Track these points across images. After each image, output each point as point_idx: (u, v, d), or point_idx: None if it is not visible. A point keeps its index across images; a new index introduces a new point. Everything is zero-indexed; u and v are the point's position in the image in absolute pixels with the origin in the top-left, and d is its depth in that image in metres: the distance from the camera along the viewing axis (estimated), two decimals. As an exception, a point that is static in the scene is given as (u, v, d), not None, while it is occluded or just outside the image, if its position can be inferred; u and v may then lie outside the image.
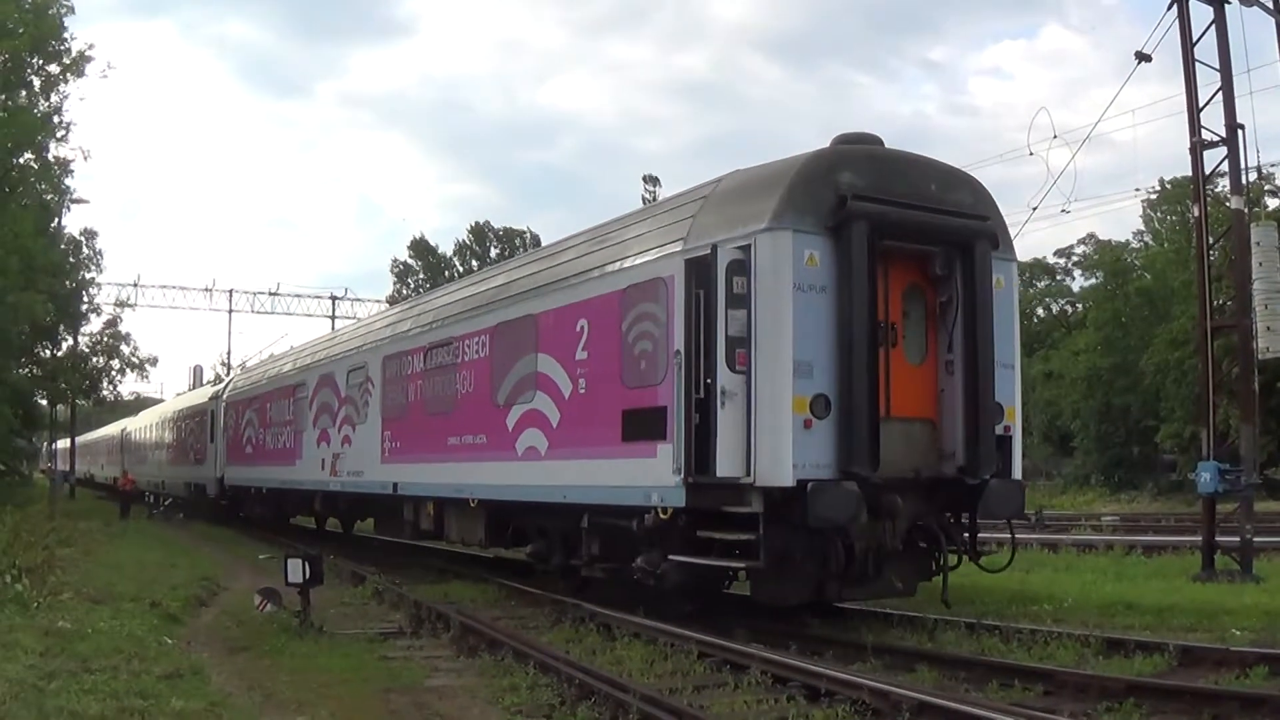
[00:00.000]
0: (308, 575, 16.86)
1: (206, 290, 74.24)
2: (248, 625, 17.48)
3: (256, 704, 12.17)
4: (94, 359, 63.72)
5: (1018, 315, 17.52)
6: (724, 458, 14.81)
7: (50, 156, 41.99)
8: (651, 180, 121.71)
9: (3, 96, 39.10)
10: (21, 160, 40.29)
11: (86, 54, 39.79)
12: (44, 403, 63.70)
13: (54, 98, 40.64)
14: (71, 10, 40.47)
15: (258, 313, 76.51)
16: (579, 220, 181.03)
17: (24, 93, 40.32)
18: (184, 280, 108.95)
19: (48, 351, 57.63)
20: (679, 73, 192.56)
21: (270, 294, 75.79)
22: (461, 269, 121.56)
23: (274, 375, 39.15)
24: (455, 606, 18.21)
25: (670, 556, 15.92)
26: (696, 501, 15.35)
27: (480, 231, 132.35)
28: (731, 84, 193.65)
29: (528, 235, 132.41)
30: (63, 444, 72.32)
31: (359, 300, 77.75)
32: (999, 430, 16.02)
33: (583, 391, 18.18)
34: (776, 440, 14.43)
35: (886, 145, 16.51)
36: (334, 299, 76.17)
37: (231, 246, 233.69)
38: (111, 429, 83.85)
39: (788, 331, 14.50)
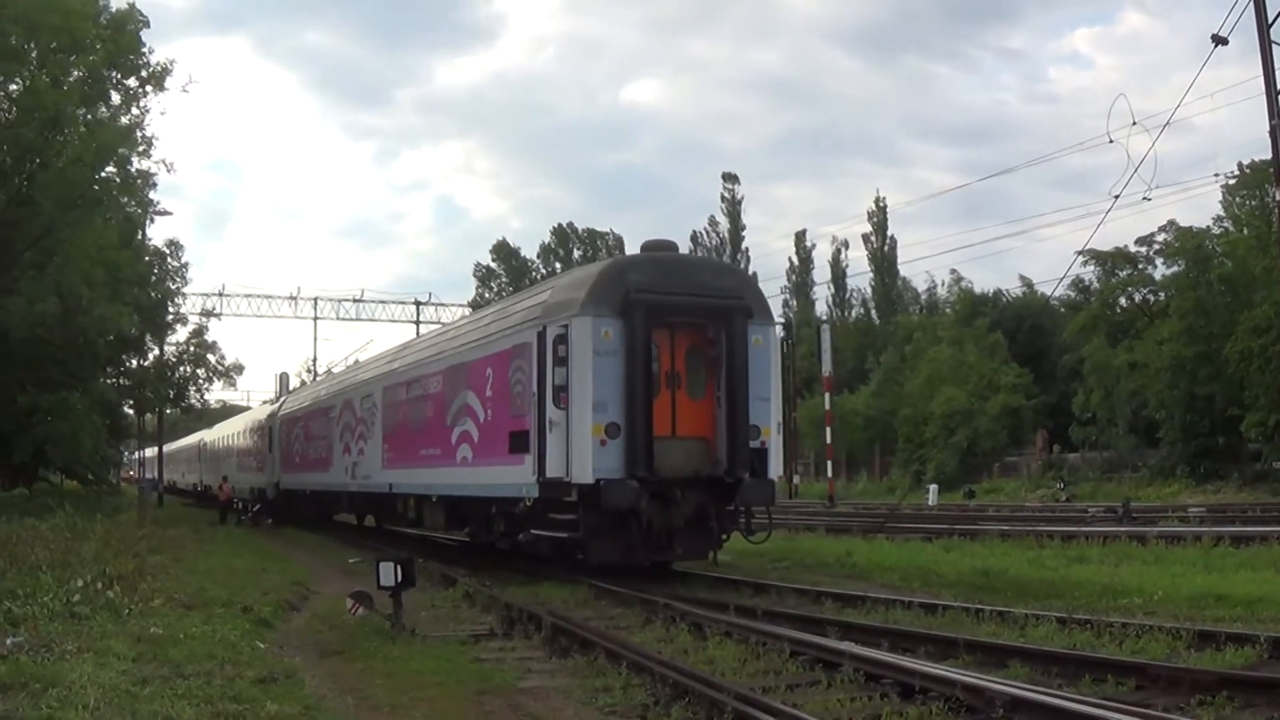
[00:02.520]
0: (400, 578, 16.93)
1: (291, 298, 74.77)
2: (340, 629, 17.62)
3: (350, 707, 12.27)
4: (180, 368, 64.39)
5: (774, 362, 24.02)
6: (552, 464, 21.88)
7: (133, 169, 42.41)
8: (730, 178, 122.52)
9: (83, 111, 39.55)
10: (104, 174, 40.73)
11: (167, 67, 40.17)
12: (130, 412, 64.38)
13: (134, 111, 41.05)
14: (147, 24, 40.88)
15: (342, 319, 76.86)
16: (660, 220, 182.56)
17: (104, 107, 40.76)
18: (269, 289, 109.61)
19: (134, 361, 58.21)
20: (756, 69, 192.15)
21: (354, 301, 76.17)
22: (545, 271, 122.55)
23: (314, 399, 47.42)
24: (546, 607, 18.26)
25: (532, 531, 23.48)
26: (544, 493, 22.47)
27: (563, 233, 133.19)
28: (809, 78, 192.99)
29: (610, 237, 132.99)
30: (145, 452, 74.41)
31: (442, 305, 78.02)
32: (755, 444, 22.59)
33: (490, 418, 25.54)
34: (582, 453, 21.41)
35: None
36: (418, 304, 76.49)
37: (315, 254, 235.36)
38: (191, 439, 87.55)
39: (589, 382, 21.48)
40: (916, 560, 25.19)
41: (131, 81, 40.44)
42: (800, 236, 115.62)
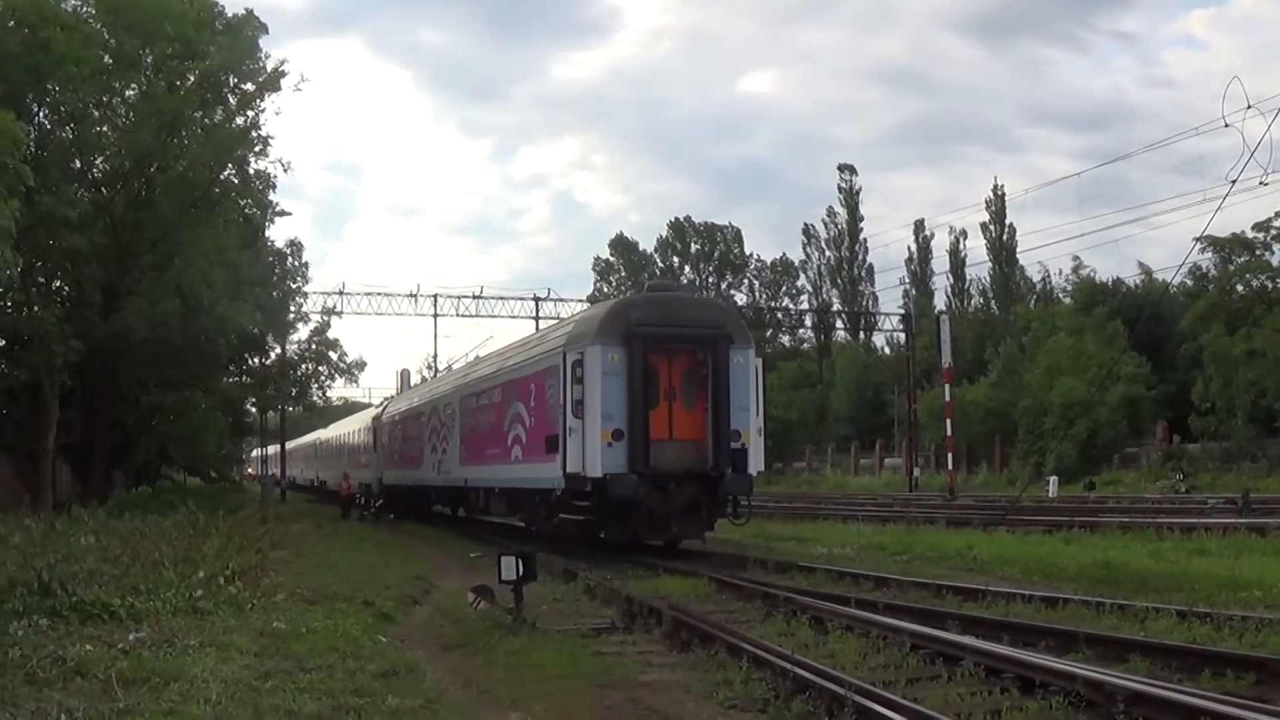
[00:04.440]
0: (521, 572, 16.91)
1: (411, 296, 74.60)
2: (461, 623, 17.58)
3: (471, 701, 12.22)
4: (302, 366, 65.00)
5: (752, 378, 27.78)
6: (571, 462, 26.45)
7: (250, 171, 42.84)
8: (847, 169, 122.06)
9: (200, 114, 39.99)
10: (223, 175, 41.16)
11: (281, 69, 40.48)
12: (253, 409, 65.11)
13: (250, 113, 41.41)
14: (265, 30, 41.25)
15: (462, 316, 76.24)
16: (778, 212, 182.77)
17: (220, 110, 41.17)
18: (389, 286, 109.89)
19: (256, 360, 58.90)
20: (873, 58, 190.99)
21: (474, 297, 75.89)
22: (662, 265, 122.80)
23: (409, 405, 52.92)
24: (667, 601, 18.14)
25: (561, 515, 28.42)
26: (569, 485, 27.05)
27: (680, 227, 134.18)
28: (926, 67, 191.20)
29: (729, 230, 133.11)
30: (260, 449, 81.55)
31: (562, 300, 77.24)
32: (736, 446, 26.87)
33: (533, 424, 30.20)
34: (593, 452, 25.93)
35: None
36: (536, 300, 76.07)
37: (434, 251, 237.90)
38: (309, 438, 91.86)
39: (598, 397, 26.08)
40: (1037, 553, 24.93)
41: (248, 85, 40.81)
42: (918, 226, 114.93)
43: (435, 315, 75.77)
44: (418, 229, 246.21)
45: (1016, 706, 10.94)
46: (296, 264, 59.14)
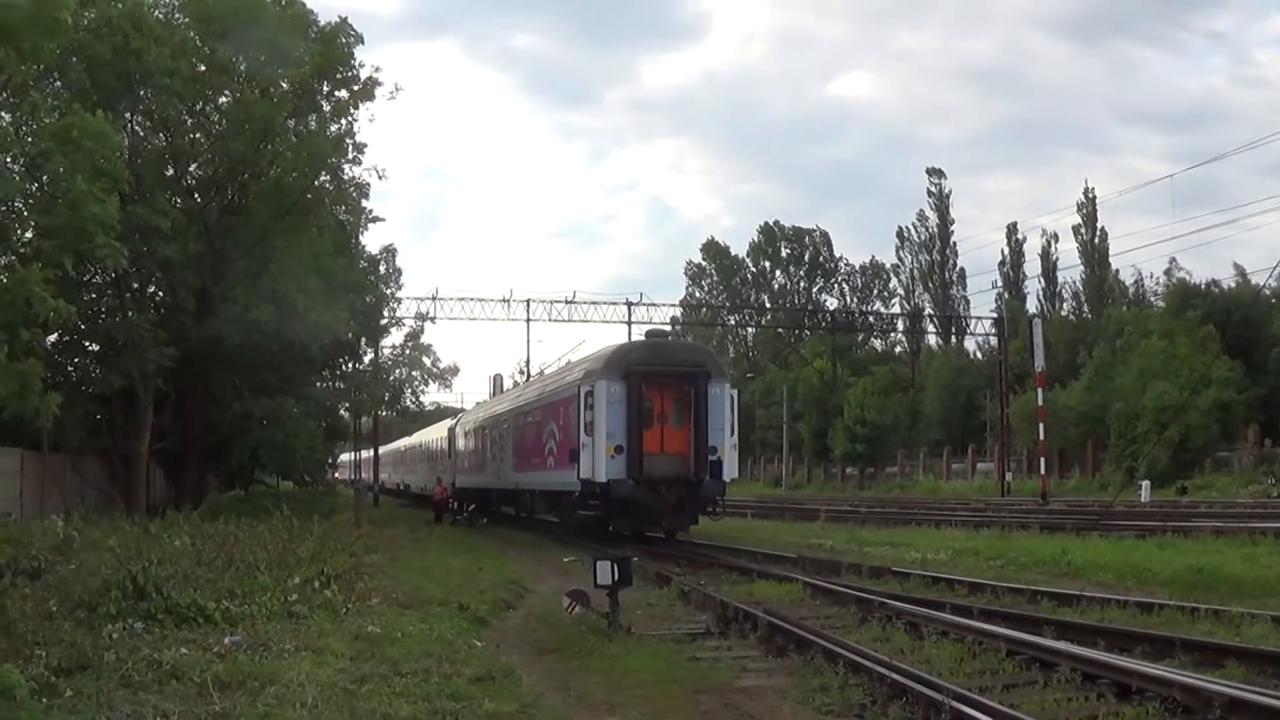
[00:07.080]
0: (616, 577, 16.88)
1: (504, 301, 74.98)
2: (556, 627, 17.69)
3: (568, 705, 12.29)
4: (396, 371, 65.30)
5: (726, 405, 34.30)
6: (584, 469, 32.90)
7: (345, 177, 43.07)
8: (936, 173, 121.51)
9: (293, 121, 40.19)
10: (317, 183, 41.37)
11: (375, 78, 40.65)
12: (345, 415, 65.51)
13: (344, 121, 41.59)
14: (360, 40, 41.46)
15: (555, 321, 76.62)
16: (869, 215, 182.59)
17: (313, 118, 41.37)
18: (482, 291, 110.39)
19: (350, 365, 59.15)
20: (965, 59, 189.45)
21: (566, 302, 76.10)
22: (754, 269, 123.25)
23: (476, 420, 59.62)
24: (762, 606, 18.12)
25: (579, 512, 35.28)
26: (583, 488, 33.58)
27: (770, 231, 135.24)
28: (1019, 67, 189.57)
29: (817, 234, 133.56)
30: (350, 455, 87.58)
31: (654, 305, 77.55)
32: (713, 458, 33.21)
33: (561, 439, 36.70)
34: (600, 463, 32.41)
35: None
36: (629, 305, 76.22)
37: (527, 256, 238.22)
38: (397, 444, 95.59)
39: (604, 420, 32.60)
40: (1131, 558, 24.82)
41: (341, 93, 41.01)
42: (1011, 230, 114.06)
43: (528, 320, 76.29)
44: (511, 233, 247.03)
45: (1113, 712, 11.01)
46: (390, 269, 59.47)
